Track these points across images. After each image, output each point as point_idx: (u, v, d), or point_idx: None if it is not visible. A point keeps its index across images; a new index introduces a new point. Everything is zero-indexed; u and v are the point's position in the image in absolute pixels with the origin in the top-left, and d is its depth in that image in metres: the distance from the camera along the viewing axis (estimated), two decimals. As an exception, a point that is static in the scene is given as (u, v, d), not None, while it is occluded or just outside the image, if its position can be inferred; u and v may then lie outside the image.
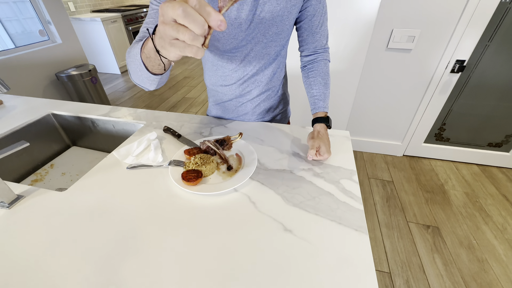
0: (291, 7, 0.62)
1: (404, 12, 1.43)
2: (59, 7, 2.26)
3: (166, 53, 0.35)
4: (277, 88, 0.82)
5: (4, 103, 1.04)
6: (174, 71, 4.06)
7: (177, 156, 0.69)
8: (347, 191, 0.59)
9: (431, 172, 1.86)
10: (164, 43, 0.32)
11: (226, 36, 0.64)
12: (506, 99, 1.59)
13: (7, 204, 0.56)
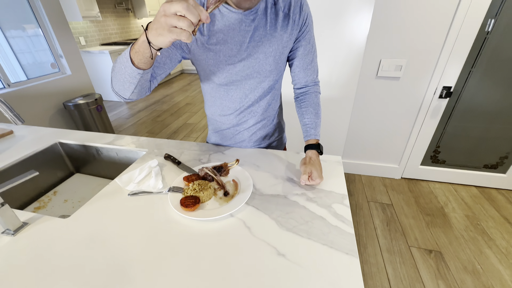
0: (283, 48, 0.70)
1: (390, 44, 1.55)
2: (71, 41, 2.43)
3: (162, 40, 0.44)
4: (272, 118, 0.88)
5: (14, 132, 1.10)
6: (176, 98, 4.22)
7: (176, 182, 0.72)
8: (339, 215, 0.61)
9: (430, 194, 1.87)
10: (163, 30, 0.42)
11: (221, 71, 0.71)
12: (496, 122, 1.65)
13: (12, 231, 0.59)
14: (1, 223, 0.57)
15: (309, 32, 0.72)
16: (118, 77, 0.57)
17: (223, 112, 0.82)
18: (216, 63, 0.69)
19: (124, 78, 0.56)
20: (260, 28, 0.66)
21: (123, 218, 0.62)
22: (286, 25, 0.68)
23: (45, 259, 0.52)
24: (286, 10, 0.67)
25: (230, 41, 0.66)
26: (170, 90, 4.67)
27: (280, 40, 0.68)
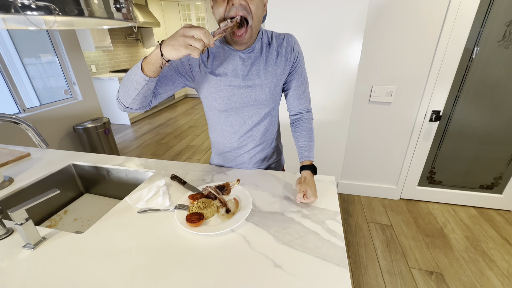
0: (277, 81, 0.80)
1: (380, 72, 1.68)
2: (84, 70, 2.62)
3: (175, 53, 0.55)
4: (270, 141, 0.96)
5: (31, 155, 1.18)
6: (180, 121, 4.37)
7: (182, 200, 0.78)
8: (331, 230, 0.67)
9: (429, 215, 1.88)
10: (180, 46, 0.54)
11: (222, 98, 0.80)
12: (486, 144, 1.72)
13: (32, 245, 0.64)
14: (23, 237, 0.63)
15: (300, 67, 0.82)
16: (125, 84, 0.66)
17: (224, 136, 0.90)
18: (217, 91, 0.79)
19: (130, 84, 0.64)
20: (256, 63, 0.77)
21: (133, 234, 0.68)
22: (279, 62, 0.79)
23: (62, 271, 0.57)
24: (279, 49, 0.78)
25: (230, 74, 0.77)
26: (174, 114, 4.83)
27: (274, 74, 0.79)
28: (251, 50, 0.76)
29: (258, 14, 0.68)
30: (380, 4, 1.51)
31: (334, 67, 1.67)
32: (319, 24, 1.58)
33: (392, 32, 1.55)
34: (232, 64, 0.76)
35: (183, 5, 5.34)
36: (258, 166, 0.98)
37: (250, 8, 0.65)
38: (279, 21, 1.62)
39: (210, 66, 0.77)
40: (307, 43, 1.63)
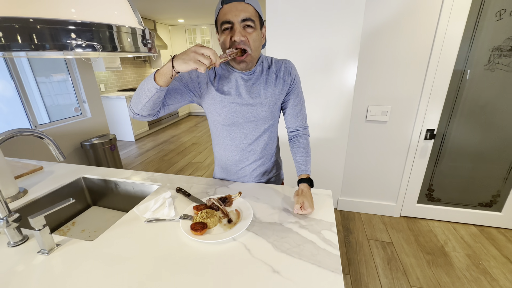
0: (276, 100, 0.88)
1: (375, 93, 1.77)
2: (94, 89, 2.75)
3: (185, 66, 0.63)
4: (270, 156, 1.02)
5: (44, 168, 1.25)
6: (183, 138, 4.46)
7: (187, 211, 0.83)
8: (327, 240, 0.71)
9: (430, 233, 1.88)
10: (190, 61, 0.62)
11: (225, 114, 0.88)
12: (481, 162, 1.77)
13: (47, 251, 0.69)
14: (39, 243, 0.68)
15: (297, 88, 0.91)
16: (138, 92, 0.74)
17: (226, 149, 0.97)
18: (222, 107, 0.87)
19: (142, 92, 0.72)
20: (257, 84, 0.86)
21: (140, 241, 0.72)
22: (278, 83, 0.88)
23: (74, 276, 0.61)
24: (278, 72, 0.87)
25: (233, 93, 0.86)
26: (177, 131, 4.95)
27: (273, 93, 0.87)
28: (252, 73, 0.85)
29: (255, 45, 0.78)
30: (372, 30, 1.63)
31: (331, 87, 1.77)
32: (316, 48, 1.70)
33: (385, 55, 1.67)
34: (236, 84, 0.85)
35: (189, 29, 5.65)
36: (258, 179, 1.03)
37: (248, 41, 0.75)
38: (280, 46, 1.75)
39: (216, 84, 0.86)
40: (305, 66, 1.74)
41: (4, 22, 0.32)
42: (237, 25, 0.73)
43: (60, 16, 0.35)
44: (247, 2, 0.73)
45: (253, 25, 0.75)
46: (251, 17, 0.74)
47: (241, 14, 0.72)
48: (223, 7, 0.73)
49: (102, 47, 0.39)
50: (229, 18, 0.73)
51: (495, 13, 1.44)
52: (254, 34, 0.76)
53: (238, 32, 0.73)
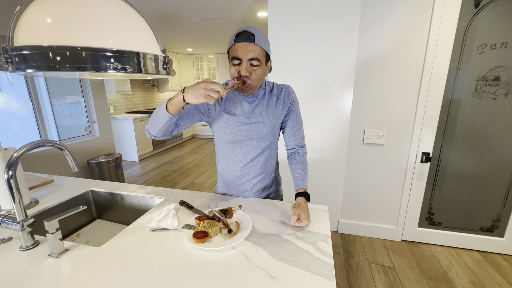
0: (276, 119, 0.97)
1: (370, 116, 1.86)
2: (105, 110, 2.90)
3: (196, 100, 0.73)
4: (270, 172, 1.08)
5: (54, 181, 1.31)
6: (186, 159, 4.53)
7: (189, 221, 0.87)
8: (322, 250, 0.74)
9: (432, 258, 1.85)
10: (200, 95, 0.72)
11: (230, 132, 0.96)
12: (478, 185, 1.79)
13: (56, 255, 0.73)
14: (51, 246, 0.72)
15: (295, 110, 1.00)
16: (153, 118, 0.85)
17: (229, 164, 1.03)
18: (227, 126, 0.96)
19: (157, 119, 0.83)
20: (260, 105, 0.95)
21: (145, 248, 0.76)
22: (278, 105, 0.97)
23: (82, 278, 0.65)
24: (278, 95, 0.97)
25: (238, 113, 0.95)
26: (180, 152, 5.04)
27: (274, 114, 0.96)
28: (256, 96, 0.96)
29: (258, 78, 0.88)
30: (365, 60, 1.78)
31: (329, 111, 1.88)
32: (315, 75, 1.84)
33: (378, 83, 1.79)
34: (240, 106, 0.95)
35: (197, 57, 6.02)
36: (258, 195, 1.08)
37: (251, 75, 0.86)
38: (282, 72, 1.90)
39: (223, 105, 0.96)
40: (305, 91, 1.87)
41: (59, 49, 0.42)
42: (245, 62, 0.83)
43: (100, 45, 0.45)
44: (256, 43, 0.82)
45: (258, 63, 0.85)
46: (258, 57, 0.83)
47: (249, 54, 0.82)
48: (235, 44, 0.83)
49: (132, 70, 0.48)
50: (238, 55, 0.83)
51: (477, 47, 1.58)
52: (258, 70, 0.86)
53: (244, 68, 0.84)
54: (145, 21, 0.57)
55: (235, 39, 0.84)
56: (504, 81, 1.59)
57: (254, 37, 0.82)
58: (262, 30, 0.88)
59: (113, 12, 0.50)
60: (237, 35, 0.84)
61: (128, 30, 0.51)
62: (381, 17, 1.67)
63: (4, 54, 0.44)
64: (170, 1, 2.35)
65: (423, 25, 1.62)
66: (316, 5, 1.73)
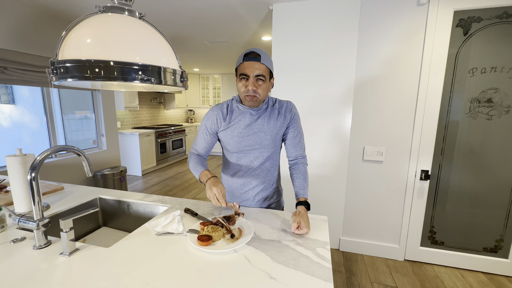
0: (277, 131, 1.04)
1: (370, 134, 1.93)
2: (113, 124, 3.01)
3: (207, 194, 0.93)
4: (272, 183, 1.13)
5: (64, 188, 1.36)
6: (188, 175, 4.57)
7: (194, 226, 0.91)
8: (321, 255, 0.77)
9: (436, 279, 1.82)
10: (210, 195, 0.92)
11: (234, 143, 1.04)
12: (479, 204, 1.81)
13: (68, 253, 0.76)
14: (64, 244, 0.76)
15: (296, 123, 1.07)
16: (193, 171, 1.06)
17: (233, 173, 1.09)
18: (231, 137, 1.04)
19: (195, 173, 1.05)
20: (262, 117, 1.04)
21: (151, 250, 0.80)
22: (279, 118, 1.05)
23: (92, 273, 0.69)
24: (280, 109, 1.06)
25: (241, 125, 1.03)
26: (183, 168, 5.08)
27: (275, 126, 1.04)
28: (259, 109, 1.04)
29: (263, 93, 0.98)
30: (363, 82, 1.88)
31: (329, 128, 1.95)
32: (316, 95, 1.94)
33: (376, 103, 1.88)
34: (244, 118, 1.03)
35: (203, 77, 6.27)
36: (260, 204, 1.12)
37: (258, 90, 0.95)
38: (286, 91, 2.00)
39: (228, 119, 1.04)
40: (307, 109, 1.96)
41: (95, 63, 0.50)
42: (252, 79, 0.94)
43: (129, 60, 0.53)
44: (262, 62, 0.93)
45: (263, 79, 0.95)
46: (263, 74, 0.94)
47: (256, 71, 0.93)
48: (244, 62, 0.94)
49: (155, 81, 0.56)
50: (246, 72, 0.93)
51: (468, 71, 1.68)
52: (263, 86, 0.96)
53: (251, 83, 0.94)
54: (167, 42, 0.66)
55: (243, 58, 0.94)
56: (497, 102, 1.67)
57: (260, 57, 0.93)
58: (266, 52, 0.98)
59: (140, 34, 0.59)
60: (245, 55, 0.94)
61: (152, 48, 0.60)
62: (377, 42, 1.80)
63: (51, 66, 0.53)
64: (182, 25, 2.54)
65: (416, 50, 1.73)
66: (316, 31, 1.88)
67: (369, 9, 1.79)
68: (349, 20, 1.81)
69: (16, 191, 1.02)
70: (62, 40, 0.55)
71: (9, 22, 1.99)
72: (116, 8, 0.63)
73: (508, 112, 1.66)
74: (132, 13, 0.66)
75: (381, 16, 1.77)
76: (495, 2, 1.55)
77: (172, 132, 5.16)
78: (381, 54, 1.81)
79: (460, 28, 1.65)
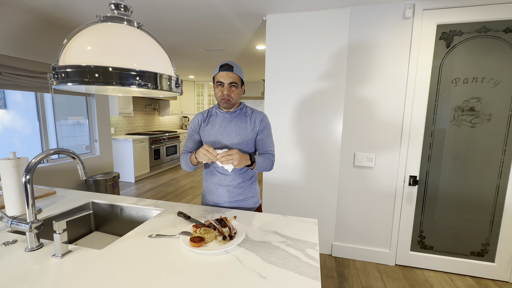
0: (247, 134, 1.20)
1: (360, 141, 1.99)
2: (107, 130, 3.00)
3: (200, 159, 1.03)
4: (245, 180, 1.23)
5: (57, 193, 1.36)
6: (181, 182, 4.55)
7: (186, 229, 0.93)
8: (310, 256, 0.80)
9: (426, 283, 1.85)
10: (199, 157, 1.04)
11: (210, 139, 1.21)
12: (465, 208, 1.86)
13: (60, 255, 0.77)
14: (56, 246, 0.77)
15: (266, 131, 1.22)
16: (184, 166, 1.19)
17: (210, 170, 1.24)
18: (208, 136, 1.21)
19: (187, 167, 1.19)
20: (234, 121, 1.20)
21: (144, 251, 0.81)
22: (250, 124, 1.20)
23: (84, 275, 0.69)
24: (252, 116, 1.22)
25: (217, 126, 1.19)
26: (177, 175, 5.06)
27: (245, 129, 1.19)
28: (232, 112, 1.21)
29: (235, 97, 1.16)
30: (352, 92, 1.95)
31: (321, 135, 2.01)
32: (308, 103, 2.00)
33: (364, 112, 1.94)
34: (219, 120, 1.21)
35: (198, 84, 6.33)
36: (235, 200, 1.22)
37: (231, 94, 1.14)
38: (278, 98, 2.05)
39: (207, 121, 1.22)
40: (299, 115, 2.01)
41: (95, 68, 0.53)
42: (226, 85, 1.13)
43: (127, 66, 0.57)
44: (235, 72, 1.13)
45: (236, 85, 1.14)
46: (236, 81, 1.14)
47: (229, 79, 1.12)
48: (219, 72, 1.13)
49: (152, 86, 0.59)
50: (222, 80, 1.13)
51: (451, 81, 1.76)
52: (236, 91, 1.15)
53: (226, 89, 1.13)
54: (163, 50, 0.70)
55: (219, 69, 1.14)
56: (479, 110, 1.75)
57: (233, 68, 1.13)
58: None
59: (138, 42, 0.63)
60: (221, 66, 1.14)
61: (149, 56, 0.64)
62: (366, 53, 1.88)
63: (52, 71, 0.56)
64: (179, 34, 2.60)
65: (403, 61, 1.82)
66: (308, 41, 1.95)
67: (358, 22, 1.88)
68: (339, 31, 1.90)
69: (9, 194, 1.02)
70: (63, 47, 0.58)
71: (4, 27, 2.01)
72: (115, 18, 0.67)
73: (489, 120, 1.75)
74: (130, 23, 0.70)
75: (369, 29, 1.86)
76: (474, 17, 1.66)
77: (166, 138, 5.15)
78: (370, 65, 1.89)
79: (443, 41, 1.75)
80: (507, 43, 1.65)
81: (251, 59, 3.60)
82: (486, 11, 1.64)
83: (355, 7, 1.86)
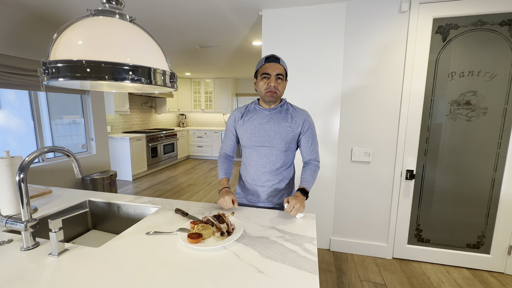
0: (287, 133, 1.13)
1: (357, 136, 1.99)
2: (103, 129, 2.98)
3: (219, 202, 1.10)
4: (282, 179, 1.19)
5: (52, 192, 1.35)
6: (180, 179, 4.54)
7: (184, 226, 0.92)
8: (308, 250, 0.80)
9: (423, 275, 1.87)
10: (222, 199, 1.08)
11: (247, 138, 1.15)
12: (461, 201, 1.88)
13: (57, 254, 0.76)
14: (52, 244, 0.76)
15: (310, 131, 1.17)
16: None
17: (246, 167, 1.21)
18: (245, 133, 1.17)
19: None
20: (275, 118, 1.14)
21: (141, 248, 0.80)
22: (292, 122, 1.14)
23: (81, 273, 0.69)
24: (293, 114, 1.16)
25: (255, 123, 1.15)
26: (175, 172, 5.05)
27: (285, 127, 1.13)
28: (273, 109, 1.15)
29: (282, 89, 1.12)
30: (350, 88, 1.94)
31: (318, 131, 2.00)
32: (306, 99, 1.99)
33: (362, 107, 1.94)
34: (258, 116, 1.16)
35: (195, 81, 6.29)
36: (272, 198, 1.19)
37: (278, 86, 1.09)
38: (272, 95, 2.04)
39: (244, 117, 1.18)
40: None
41: (86, 63, 0.52)
42: (273, 77, 1.08)
43: (120, 61, 0.56)
44: (281, 64, 1.10)
45: (282, 78, 1.10)
46: (282, 73, 1.10)
47: (276, 71, 1.08)
48: (265, 63, 1.09)
49: (145, 81, 0.58)
50: (268, 72, 1.08)
51: (448, 75, 1.76)
52: (282, 84, 1.11)
53: (273, 80, 1.08)
54: (156, 44, 0.69)
55: (265, 60, 1.10)
56: (475, 104, 1.76)
57: (279, 60, 1.10)
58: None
59: (131, 36, 0.62)
60: (266, 58, 1.10)
61: (142, 50, 0.63)
62: (363, 47, 1.88)
63: (42, 67, 0.54)
64: (174, 30, 2.57)
65: (399, 55, 1.82)
66: (304, 36, 1.94)
67: (354, 16, 1.86)
68: (335, 26, 1.89)
69: (3, 193, 1.01)
70: (54, 41, 0.56)
71: (-4, 25, 1.97)
72: (107, 11, 0.66)
73: (485, 114, 1.75)
74: (123, 17, 0.69)
75: (366, 22, 1.85)
76: (470, 11, 1.65)
77: (163, 136, 5.12)
78: (367, 59, 1.88)
79: (439, 35, 1.75)
80: (503, 36, 1.65)
81: (248, 55, 3.58)
82: (482, 4, 1.63)
83: (351, 1, 1.85)
